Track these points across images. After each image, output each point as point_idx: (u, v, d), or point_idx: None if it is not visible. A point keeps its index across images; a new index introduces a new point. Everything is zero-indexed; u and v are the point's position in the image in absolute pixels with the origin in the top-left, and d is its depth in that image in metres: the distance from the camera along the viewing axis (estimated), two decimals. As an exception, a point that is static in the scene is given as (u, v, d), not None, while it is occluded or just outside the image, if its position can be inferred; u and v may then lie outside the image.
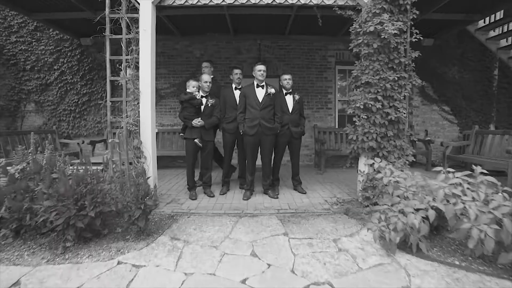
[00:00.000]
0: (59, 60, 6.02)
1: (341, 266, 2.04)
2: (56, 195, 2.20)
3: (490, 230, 1.85)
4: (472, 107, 6.31)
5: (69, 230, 2.21)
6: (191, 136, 3.68)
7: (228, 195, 3.92)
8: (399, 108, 3.38)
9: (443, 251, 2.26)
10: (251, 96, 3.64)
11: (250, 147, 3.72)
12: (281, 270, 1.99)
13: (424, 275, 1.92)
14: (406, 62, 3.46)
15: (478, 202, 2.01)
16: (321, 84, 6.22)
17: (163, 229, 2.72)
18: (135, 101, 3.49)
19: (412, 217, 2.07)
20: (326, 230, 2.71)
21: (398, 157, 3.45)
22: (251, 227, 2.77)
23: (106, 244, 2.39)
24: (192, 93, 3.68)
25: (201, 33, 5.98)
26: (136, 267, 2.03)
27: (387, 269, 2.01)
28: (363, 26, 3.36)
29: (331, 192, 4.05)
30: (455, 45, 6.20)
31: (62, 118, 6.15)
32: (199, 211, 3.26)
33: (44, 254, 2.17)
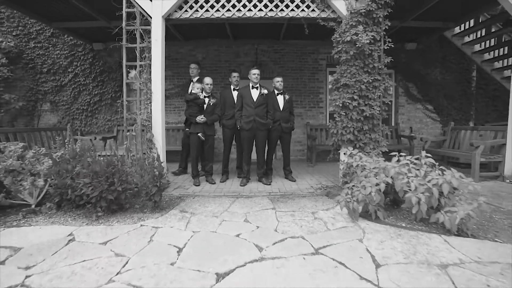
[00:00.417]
0: (73, 63, 6.70)
1: (314, 228, 2.69)
2: (91, 174, 2.85)
3: (423, 197, 2.49)
4: (453, 106, 6.94)
5: (101, 201, 2.86)
6: (195, 131, 4.34)
7: (227, 183, 4.56)
8: (373, 106, 4.02)
9: (397, 219, 2.90)
10: (247, 96, 4.30)
11: (246, 141, 4.37)
12: (266, 229, 2.64)
13: (375, 233, 2.56)
14: (379, 67, 4.10)
15: (419, 177, 2.65)
16: (313, 85, 6.87)
17: (173, 205, 3.37)
18: (148, 101, 4.15)
19: (369, 190, 2.71)
20: (307, 206, 3.36)
21: (373, 148, 4.08)
22: (245, 204, 3.42)
23: (129, 214, 3.04)
24: (196, 94, 4.34)
25: (203, 38, 6.64)
26: (155, 227, 2.68)
27: (349, 229, 2.65)
28: (342, 36, 4.01)
29: (317, 180, 4.69)
30: (437, 49, 6.84)
31: (75, 116, 6.83)
32: (203, 194, 3.91)
33: (82, 220, 2.83)
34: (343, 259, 2.07)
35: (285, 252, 2.17)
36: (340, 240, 2.40)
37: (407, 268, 1.94)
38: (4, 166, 2.94)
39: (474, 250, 2.17)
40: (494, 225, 2.71)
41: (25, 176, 3.06)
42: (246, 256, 2.10)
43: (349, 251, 2.20)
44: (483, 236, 2.44)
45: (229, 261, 2.04)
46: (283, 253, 2.16)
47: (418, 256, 2.11)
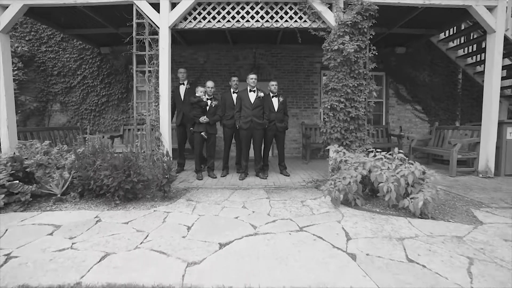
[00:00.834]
0: (82, 66, 7.22)
1: (301, 212, 3.21)
2: (111, 167, 3.37)
3: (393, 186, 3.01)
4: (440, 107, 7.46)
5: (119, 191, 3.38)
6: (199, 130, 4.86)
7: (227, 177, 5.09)
8: (359, 108, 4.54)
9: (373, 205, 3.42)
10: (245, 98, 4.82)
11: (244, 139, 4.90)
12: (260, 213, 3.16)
13: (353, 216, 3.08)
14: (365, 72, 4.61)
15: (390, 170, 3.17)
16: (308, 86, 7.39)
17: (180, 196, 3.90)
18: (156, 103, 4.68)
19: (348, 180, 3.24)
20: (298, 196, 3.88)
21: (359, 146, 4.61)
22: (244, 195, 3.94)
23: (142, 203, 3.56)
24: (200, 97, 4.85)
25: (205, 43, 7.15)
26: (166, 212, 3.20)
27: (330, 214, 3.18)
28: (330, 45, 4.53)
29: (310, 175, 5.21)
30: (425, 52, 7.35)
31: (83, 116, 7.35)
32: (205, 186, 4.43)
33: (103, 207, 3.35)
34: (321, 235, 2.59)
35: (275, 229, 2.70)
36: (321, 221, 2.92)
37: (371, 240, 2.47)
38: (35, 160, 3.46)
39: (429, 228, 2.70)
40: (454, 210, 3.23)
41: (52, 170, 3.58)
42: (243, 232, 2.63)
43: (327, 229, 2.72)
44: (441, 218, 2.96)
45: (229, 235, 2.57)
46: (273, 230, 2.68)
47: (383, 232, 2.64)
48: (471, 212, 3.16)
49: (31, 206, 3.28)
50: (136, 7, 4.53)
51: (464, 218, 3.00)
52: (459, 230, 2.66)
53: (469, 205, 3.41)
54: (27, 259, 2.04)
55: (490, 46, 4.70)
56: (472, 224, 2.80)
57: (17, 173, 3.39)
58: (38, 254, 2.12)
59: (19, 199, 3.18)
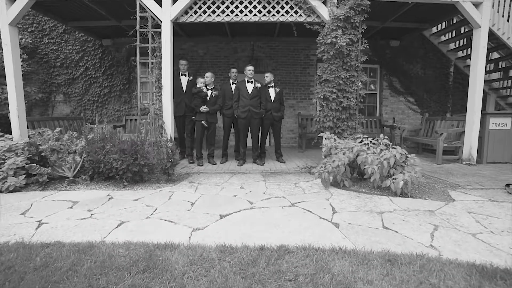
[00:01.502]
0: (84, 58, 7.47)
1: (294, 192, 3.56)
2: (119, 151, 3.70)
3: (377, 168, 3.36)
4: (432, 99, 7.79)
5: (127, 173, 3.72)
6: (199, 118, 5.18)
7: (226, 164, 5.43)
8: (350, 98, 4.86)
9: (360, 187, 3.78)
10: (243, 89, 5.13)
11: (242, 127, 5.22)
12: (257, 192, 3.51)
13: (340, 195, 3.44)
14: (356, 65, 4.92)
15: (375, 154, 3.52)
16: (304, 78, 7.69)
17: (182, 179, 4.24)
18: (159, 93, 4.98)
19: (336, 163, 3.58)
20: (292, 179, 4.24)
21: (350, 134, 4.94)
22: (242, 178, 4.29)
23: (148, 184, 3.91)
24: (200, 88, 5.15)
25: (204, 35, 7.41)
26: (171, 191, 3.55)
27: (320, 193, 3.53)
28: (324, 38, 4.82)
29: (304, 162, 5.57)
30: (418, 46, 7.65)
31: (86, 107, 7.64)
32: (206, 171, 4.78)
33: (113, 188, 3.69)
34: (311, 209, 2.95)
35: (269, 205, 3.05)
36: (312, 199, 3.28)
37: (354, 214, 2.82)
38: (49, 146, 3.78)
39: (406, 204, 3.06)
40: (433, 191, 3.59)
41: (64, 154, 3.91)
42: (241, 206, 2.98)
43: (316, 205, 3.08)
44: (419, 197, 3.33)
45: (228, 209, 2.92)
46: (268, 205, 3.04)
47: (366, 207, 3.00)
48: (447, 192, 3.52)
49: (47, 187, 3.62)
50: (139, 1, 4.78)
51: (440, 197, 3.36)
52: (432, 205, 3.02)
53: (447, 187, 3.77)
54: (56, 224, 2.40)
55: (475, 40, 5.01)
56: (445, 202, 3.17)
57: (33, 157, 3.71)
58: (64, 221, 2.47)
59: (37, 180, 3.51)
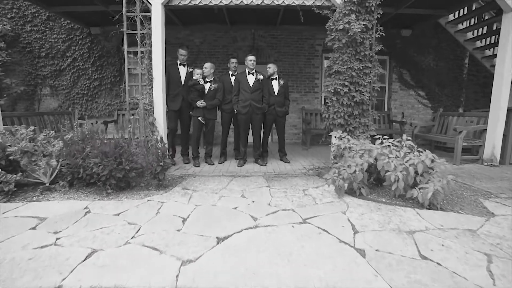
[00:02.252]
0: (71, 47, 6.79)
1: (303, 202, 3.03)
2: (101, 154, 3.13)
3: (401, 175, 2.82)
4: (444, 93, 7.21)
5: (111, 179, 3.16)
6: (196, 114, 4.60)
7: (225, 164, 4.88)
8: (363, 92, 4.28)
9: (379, 195, 3.24)
10: (243, 81, 4.53)
11: (243, 124, 4.65)
12: (261, 203, 2.97)
13: (358, 207, 2.91)
14: (370, 54, 4.32)
15: (398, 158, 2.97)
16: (309, 70, 7.07)
17: (175, 184, 3.69)
18: (149, 86, 4.38)
19: (353, 169, 3.04)
20: (299, 184, 3.69)
21: (362, 132, 4.39)
22: (242, 183, 3.75)
23: (135, 192, 3.36)
24: (197, 80, 4.55)
25: (201, 23, 6.73)
26: (161, 202, 3.00)
27: (334, 204, 3.00)
28: (335, 24, 4.20)
29: (310, 162, 5.02)
30: (431, 35, 7.01)
31: (75, 101, 7.00)
32: (202, 174, 4.22)
33: (94, 196, 3.14)
34: (326, 227, 2.41)
35: (277, 221, 2.51)
36: (325, 212, 2.74)
37: (380, 234, 2.29)
38: (19, 147, 3.20)
39: (439, 220, 2.53)
40: (463, 200, 3.07)
41: (38, 157, 3.33)
42: (242, 224, 2.44)
43: (332, 221, 2.54)
44: (450, 209, 2.80)
45: (228, 228, 2.38)
46: (275, 222, 2.50)
47: (391, 225, 2.46)
48: (481, 203, 3.00)
49: (15, 197, 3.05)
50: (125, -20, 4.12)
51: (474, 209, 2.84)
52: (471, 222, 2.50)
53: (477, 195, 3.24)
54: (3, 258, 1.84)
55: (505, 26, 4.40)
56: (484, 216, 2.64)
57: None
58: (17, 252, 1.92)
59: (1, 189, 2.95)
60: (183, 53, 4.67)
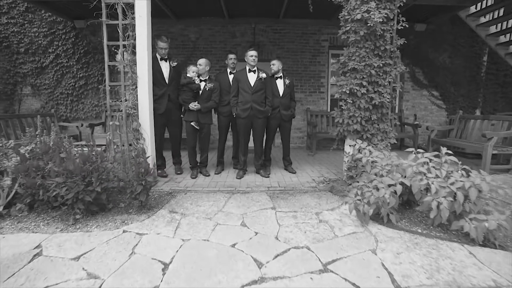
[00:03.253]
0: (54, 43, 6.06)
1: (319, 234, 2.36)
2: (66, 172, 2.44)
3: (446, 201, 2.15)
4: (460, 93, 6.54)
5: (78, 203, 2.48)
6: (188, 118, 3.91)
7: (222, 174, 4.20)
8: (383, 94, 3.60)
9: (411, 222, 2.58)
10: (243, 80, 3.83)
11: (242, 129, 3.96)
12: (266, 237, 2.30)
13: (389, 241, 2.24)
14: (391, 49, 3.63)
15: (439, 178, 2.30)
16: (314, 68, 6.37)
17: (162, 204, 3.01)
18: (133, 86, 3.67)
19: (383, 192, 2.37)
20: (310, 204, 3.02)
21: (381, 140, 3.71)
22: (242, 202, 3.07)
23: (111, 216, 2.67)
24: (192, 78, 3.86)
25: (196, 17, 6.02)
26: (139, 234, 2.32)
27: (359, 236, 2.33)
28: (351, 13, 3.50)
29: (319, 172, 4.35)
30: (447, 30, 6.32)
31: (59, 101, 6.29)
32: (195, 189, 3.55)
33: (57, 225, 2.46)
34: (356, 279, 1.75)
35: (289, 269, 1.84)
36: (350, 252, 2.08)
37: (432, 292, 1.63)
38: (-37, 162, 2.51)
39: (507, 267, 1.86)
40: (520, 230, 2.41)
41: (-10, 174, 2.65)
42: (243, 275, 1.77)
43: (362, 267, 1.87)
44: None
45: (223, 282, 1.71)
46: (287, 271, 1.83)
47: (442, 274, 1.80)
48: (543, 234, 2.34)
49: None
50: (102, -40, 3.41)
51: (540, 244, 2.18)
52: (549, 270, 1.83)
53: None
54: None
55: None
56: (560, 258, 1.98)
57: None
58: None
59: None
60: (162, 45, 3.84)
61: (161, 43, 3.83)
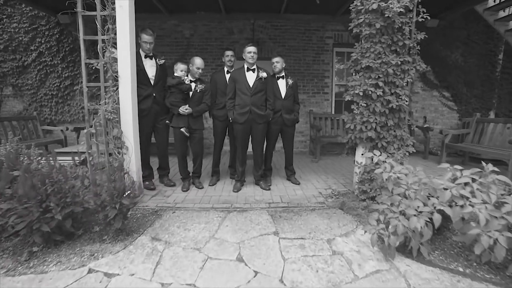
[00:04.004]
0: (36, 39, 5.52)
1: (335, 274, 1.84)
2: (17, 196, 1.92)
3: (502, 237, 1.64)
4: (473, 93, 6.03)
5: (34, 235, 1.96)
6: (178, 124, 3.38)
7: (217, 186, 3.69)
8: (401, 96, 3.09)
9: (446, 255, 2.07)
10: (241, 80, 3.31)
11: (240, 136, 3.44)
12: (268, 279, 1.79)
13: (425, 285, 1.73)
14: (410, 45, 3.11)
15: (488, 205, 1.79)
16: (317, 67, 5.85)
17: (144, 227, 2.49)
18: (114, 87, 3.15)
19: (415, 221, 1.85)
20: (319, 228, 2.51)
21: (397, 148, 3.20)
22: (239, 225, 2.55)
23: (79, 247, 2.15)
24: (181, 78, 3.33)
25: (191, 12, 5.48)
26: (108, 276, 1.80)
27: (385, 277, 1.82)
28: (365, 3, 2.98)
29: (325, 183, 3.83)
30: (461, 26, 5.80)
31: (43, 103, 5.75)
32: (186, 205, 3.03)
33: (5, 263, 1.93)
34: None
35: None
36: (378, 304, 1.56)
37: None
38: None
39: None
40: None
41: None
42: None
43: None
44: None
45: None
46: None
47: None
48: None
49: None
50: None
51: None
52: None
53: None
54: None
55: None
56: None
57: None
58: None
59: None
60: (147, 38, 3.25)
61: (146, 36, 3.28)
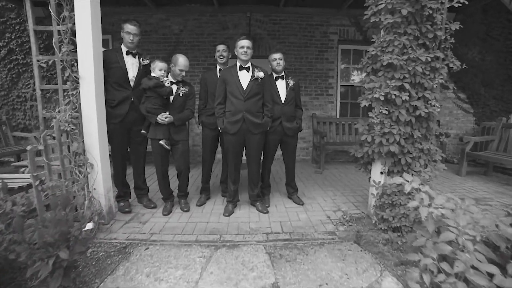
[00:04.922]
0: (5, 35, 4.87)
1: None
2: None
3: None
4: (492, 95, 5.41)
5: None
6: (155, 136, 2.73)
7: (206, 207, 3.06)
8: (431, 100, 2.46)
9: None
10: (232, 81, 2.66)
11: (232, 150, 2.80)
12: None
13: None
14: (442, 37, 2.48)
15: None
16: (321, 66, 5.21)
17: (103, 276, 1.87)
18: (74, 90, 2.51)
19: None
20: (333, 276, 1.88)
21: (425, 166, 2.58)
22: (227, 271, 1.92)
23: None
24: (159, 79, 2.67)
25: (180, 4, 4.84)
26: None
27: None
28: (387, -15, 2.35)
29: (334, 202, 3.21)
30: (480, 21, 5.18)
31: (15, 106, 5.10)
32: (163, 237, 2.40)
33: None
34: None
35: None
36: None
37: None
38: None
39: None
40: None
41: None
42: None
43: None
44: None
45: None
46: None
47: None
48: None
49: None
50: None
51: None
52: None
53: None
54: None
55: None
56: None
57: None
58: None
59: None
60: (131, 28, 2.61)
61: (129, 26, 2.62)
